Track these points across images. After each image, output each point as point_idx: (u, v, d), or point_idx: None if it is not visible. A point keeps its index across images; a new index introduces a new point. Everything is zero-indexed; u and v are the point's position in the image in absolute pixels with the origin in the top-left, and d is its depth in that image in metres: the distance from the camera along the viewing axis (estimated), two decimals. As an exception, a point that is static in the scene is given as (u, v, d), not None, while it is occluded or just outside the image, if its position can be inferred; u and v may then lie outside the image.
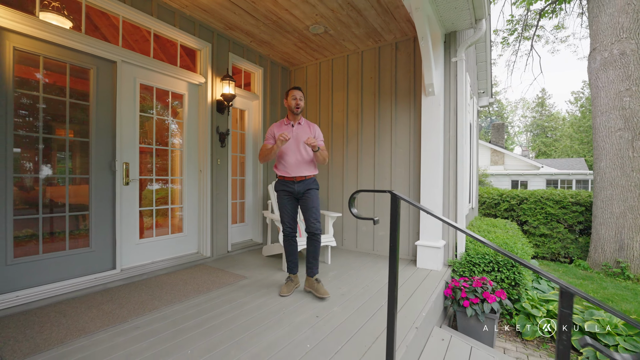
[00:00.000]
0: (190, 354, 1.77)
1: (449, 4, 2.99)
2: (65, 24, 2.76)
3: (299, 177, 2.71)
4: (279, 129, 2.77)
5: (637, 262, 5.50)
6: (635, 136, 5.68)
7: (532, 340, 3.04)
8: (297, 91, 2.76)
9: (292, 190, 2.71)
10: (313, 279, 2.71)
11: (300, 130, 2.77)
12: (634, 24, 5.74)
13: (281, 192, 2.75)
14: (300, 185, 2.71)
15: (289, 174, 2.70)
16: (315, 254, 2.74)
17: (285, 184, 2.73)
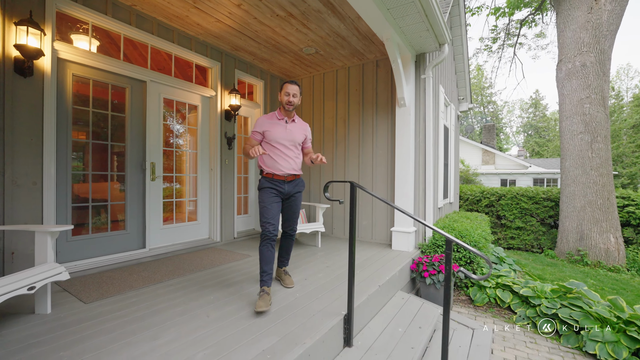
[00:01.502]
0: (213, 298, 2.49)
1: (414, 34, 3.71)
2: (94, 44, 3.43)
3: (291, 176, 2.57)
4: (270, 124, 2.55)
5: (594, 250, 6.22)
6: (593, 139, 6.41)
7: (482, 306, 3.75)
8: (292, 86, 2.54)
9: (281, 189, 2.53)
10: (282, 270, 2.86)
11: (295, 129, 2.61)
12: (593, 39, 6.46)
13: (268, 189, 2.51)
14: (290, 185, 2.58)
15: (281, 172, 2.52)
16: (289, 249, 2.83)
17: (274, 182, 2.52)
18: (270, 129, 2.54)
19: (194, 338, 1.87)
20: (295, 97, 2.54)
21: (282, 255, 2.85)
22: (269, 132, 2.54)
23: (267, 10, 3.48)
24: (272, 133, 2.53)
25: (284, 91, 2.55)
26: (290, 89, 2.54)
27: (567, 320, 3.00)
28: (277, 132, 2.54)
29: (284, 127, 2.57)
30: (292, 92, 2.54)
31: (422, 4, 3.10)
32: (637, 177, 25.90)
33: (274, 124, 2.56)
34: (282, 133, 2.55)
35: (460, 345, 2.58)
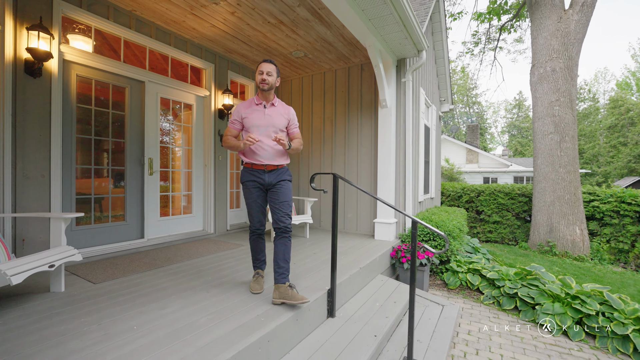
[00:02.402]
0: (211, 279, 2.78)
1: (394, 42, 4.06)
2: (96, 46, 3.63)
3: (271, 165, 2.35)
4: (248, 111, 2.35)
5: (561, 241, 6.74)
6: (562, 138, 6.92)
7: (455, 289, 4.14)
8: (266, 64, 2.33)
9: (261, 180, 2.35)
10: (285, 286, 2.20)
11: (274, 113, 2.38)
12: (562, 46, 6.97)
13: (249, 183, 2.37)
14: (271, 175, 2.36)
15: (260, 162, 2.32)
16: (287, 256, 2.29)
17: (253, 174, 2.35)
18: (247, 115, 2.34)
19: (197, 308, 2.17)
20: (270, 76, 2.30)
21: (280, 265, 2.26)
22: (247, 118, 2.34)
23: (259, 18, 3.77)
24: (250, 119, 2.33)
25: (258, 70, 2.34)
26: (264, 67, 2.31)
27: (525, 298, 3.41)
28: (254, 118, 2.32)
29: (262, 112, 2.35)
30: (266, 70, 2.30)
31: (399, 16, 3.44)
32: (611, 175, 27.17)
33: (252, 110, 2.35)
34: (260, 119, 2.33)
35: (430, 318, 2.94)
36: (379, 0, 3.14)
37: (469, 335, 2.95)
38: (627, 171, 26.68)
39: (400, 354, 2.29)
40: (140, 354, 1.59)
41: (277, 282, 2.25)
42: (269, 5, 3.49)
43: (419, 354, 2.30)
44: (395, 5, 3.23)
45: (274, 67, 2.38)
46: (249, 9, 3.58)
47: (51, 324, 1.91)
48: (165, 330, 1.84)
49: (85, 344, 1.69)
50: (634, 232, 6.61)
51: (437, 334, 2.65)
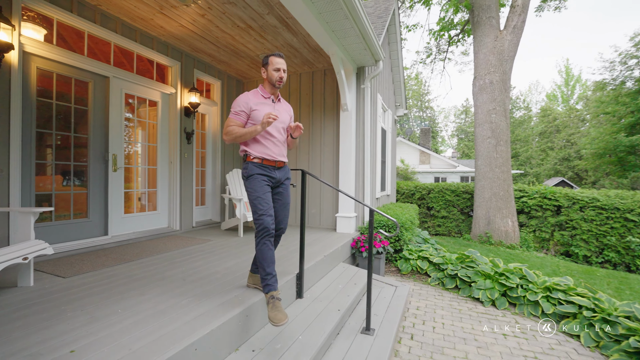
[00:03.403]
0: (185, 269, 2.93)
1: (355, 52, 4.47)
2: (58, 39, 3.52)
3: (281, 162, 2.31)
4: (257, 103, 2.22)
5: (497, 232, 7.72)
6: (498, 142, 7.92)
7: (407, 274, 4.66)
8: (280, 59, 2.23)
9: (273, 176, 2.26)
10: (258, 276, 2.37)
11: (282, 109, 2.35)
12: (498, 62, 7.97)
13: (258, 176, 2.19)
14: (280, 172, 2.31)
15: (272, 157, 2.23)
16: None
17: (265, 169, 2.22)
18: (258, 108, 2.20)
19: (177, 292, 2.34)
20: (285, 73, 2.25)
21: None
22: (257, 112, 2.19)
23: (228, 22, 3.94)
24: (260, 113, 2.19)
25: (273, 66, 2.21)
26: (279, 63, 2.21)
27: (464, 278, 4.00)
28: (265, 112, 2.16)
29: (271, 107, 2.27)
30: (283, 66, 2.22)
31: (359, 29, 3.84)
32: (541, 176, 30.79)
33: (261, 103, 2.23)
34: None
35: (385, 297, 3.37)
36: (341, 15, 3.50)
37: (417, 310, 3.43)
38: (553, 172, 30.46)
39: (360, 324, 2.66)
40: (131, 330, 1.75)
41: (255, 272, 2.44)
42: (240, 11, 3.68)
43: (375, 324, 2.69)
44: (355, 20, 3.61)
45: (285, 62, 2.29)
46: (219, 12, 3.74)
47: (32, 312, 1.97)
48: (150, 311, 2.01)
49: (73, 326, 1.80)
50: (553, 223, 7.79)
51: (391, 308, 3.07)
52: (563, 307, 3.15)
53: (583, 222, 7.26)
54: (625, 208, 6.82)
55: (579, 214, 7.35)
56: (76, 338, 1.66)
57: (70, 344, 1.60)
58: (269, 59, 2.24)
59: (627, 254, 6.69)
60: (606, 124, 20.98)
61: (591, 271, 5.80)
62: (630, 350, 2.42)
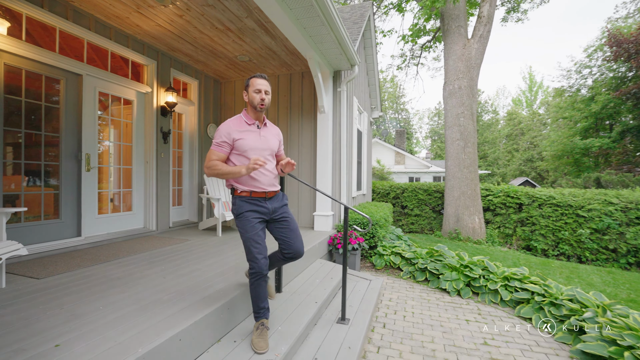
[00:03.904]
0: (164, 267, 2.96)
1: (331, 56, 4.64)
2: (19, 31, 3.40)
3: (272, 192, 2.14)
4: (241, 132, 2.06)
5: (465, 229, 8.19)
6: (466, 144, 8.40)
7: (381, 269, 4.90)
8: (263, 81, 2.08)
9: (263, 209, 2.09)
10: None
11: (269, 134, 2.19)
12: (466, 69, 8.46)
13: (250, 213, 2.05)
14: (273, 202, 2.15)
15: (261, 188, 2.08)
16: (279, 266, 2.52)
17: (255, 203, 2.07)
18: (242, 137, 2.05)
19: (158, 289, 2.39)
20: (267, 95, 2.09)
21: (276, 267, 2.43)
22: (242, 140, 2.05)
23: (207, 23, 3.99)
24: (245, 142, 2.05)
25: (253, 88, 2.06)
26: (260, 84, 2.06)
27: (433, 271, 4.28)
28: (250, 141, 2.06)
29: (257, 134, 2.11)
30: (265, 88, 2.07)
31: (336, 36, 4.02)
32: (507, 176, 32.61)
33: (246, 132, 2.08)
34: (256, 141, 2.09)
35: (360, 290, 3.56)
36: (318, 22, 3.65)
37: (389, 302, 3.65)
38: (519, 172, 32.38)
39: (336, 315, 2.82)
40: (116, 324, 1.81)
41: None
42: (218, 14, 3.75)
43: (350, 314, 2.87)
44: (332, 27, 3.78)
45: (269, 84, 2.13)
46: (198, 14, 3.78)
47: (8, 312, 1.96)
48: (132, 307, 2.06)
49: (54, 323, 1.83)
50: (515, 220, 8.37)
51: (365, 300, 3.26)
52: (518, 294, 3.48)
53: (541, 218, 7.87)
54: (577, 205, 7.48)
55: (537, 210, 7.96)
56: (59, 334, 1.70)
57: (54, 339, 1.64)
58: (250, 80, 2.10)
59: (579, 246, 7.34)
60: (564, 128, 22.63)
61: (547, 263, 6.34)
62: (571, 327, 2.76)
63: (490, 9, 8.62)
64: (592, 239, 7.18)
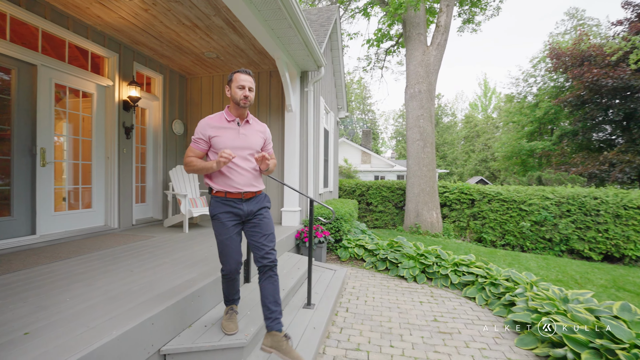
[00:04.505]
0: (130, 262, 2.96)
1: (298, 57, 4.81)
2: None
3: (249, 193, 2.04)
4: (218, 129, 1.99)
5: (424, 223, 8.76)
6: (425, 144, 8.98)
7: (346, 260, 5.17)
8: (246, 76, 2.01)
9: (238, 211, 2.01)
10: (281, 335, 1.89)
11: (250, 132, 2.09)
12: (425, 74, 9.04)
13: (223, 215, 1.99)
14: (250, 203, 2.04)
15: (236, 188, 1.99)
16: (277, 297, 1.98)
17: (229, 204, 2.00)
18: (218, 134, 1.99)
19: (126, 282, 2.42)
20: (251, 92, 2.02)
21: (269, 307, 1.95)
22: (218, 138, 1.98)
23: (174, 19, 3.98)
24: (222, 140, 1.98)
25: (236, 84, 1.99)
26: (244, 80, 1.99)
27: (393, 260, 4.62)
28: (227, 139, 1.99)
29: (236, 132, 2.03)
30: (248, 84, 2.00)
31: (303, 38, 4.20)
32: (464, 175, 34.84)
33: (223, 128, 2.00)
34: (234, 139, 2.00)
35: (325, 279, 3.78)
36: (285, 24, 3.81)
37: (353, 289, 3.91)
38: (475, 172, 34.72)
39: (303, 302, 3.01)
40: (85, 313, 1.85)
41: (271, 329, 1.91)
42: (186, 10, 3.76)
43: (315, 300, 3.07)
44: (299, 30, 3.96)
45: (253, 80, 2.06)
46: (164, 9, 3.76)
47: (-34, 307, 1.91)
48: (101, 298, 2.09)
49: (19, 315, 1.82)
50: (468, 214, 9.11)
51: (329, 288, 3.49)
52: (465, 277, 3.91)
53: (490, 212, 8.66)
54: (520, 200, 8.33)
55: (487, 205, 8.74)
56: (27, 324, 1.71)
57: (23, 329, 1.66)
58: (233, 75, 2.02)
59: (521, 237, 8.19)
60: (513, 131, 24.70)
61: (494, 252, 7.02)
62: (506, 303, 3.18)
63: (447, 19, 9.28)
64: (532, 230, 8.04)
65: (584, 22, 21.94)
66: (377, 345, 2.58)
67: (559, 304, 2.63)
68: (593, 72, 15.82)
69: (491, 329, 2.91)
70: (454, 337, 2.75)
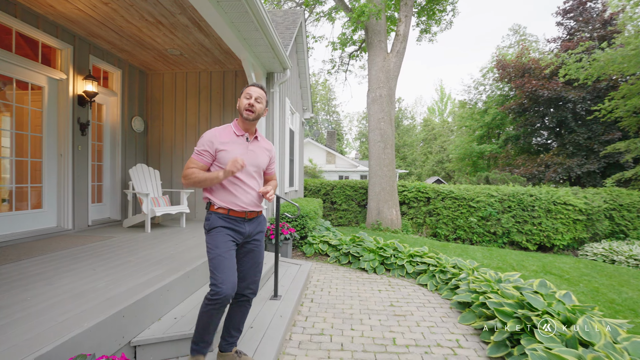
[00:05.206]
0: (91, 262, 2.90)
1: (264, 59, 4.93)
2: None
3: (253, 212, 1.92)
4: (226, 143, 1.85)
5: (385, 220, 9.26)
6: (385, 146, 9.48)
7: (311, 256, 5.38)
8: (256, 88, 1.89)
9: (241, 231, 1.86)
10: (232, 353, 1.92)
11: (258, 149, 1.96)
12: (386, 79, 9.55)
13: (222, 229, 1.82)
14: (251, 224, 1.92)
15: (241, 207, 1.85)
16: (242, 324, 1.97)
17: (232, 222, 1.84)
18: (226, 148, 1.84)
19: (91, 279, 2.40)
20: (259, 103, 1.87)
21: (230, 332, 1.93)
22: (226, 152, 1.83)
23: (136, 14, 3.90)
24: (230, 154, 1.83)
25: (244, 94, 1.88)
26: (252, 90, 1.87)
27: (354, 254, 4.91)
28: (235, 154, 1.84)
29: (244, 147, 1.89)
30: (255, 94, 1.86)
31: (269, 41, 4.33)
32: (423, 175, 36.81)
33: (232, 143, 1.86)
34: (242, 155, 1.85)
35: (291, 273, 3.95)
36: (252, 27, 3.92)
37: (317, 282, 4.12)
38: (432, 172, 36.83)
39: (270, 294, 3.15)
40: (51, 310, 1.85)
41: (225, 350, 1.92)
42: (150, 7, 3.72)
43: (282, 292, 3.23)
44: (265, 33, 4.09)
45: (264, 93, 1.93)
46: (126, 4, 3.69)
47: None
48: (66, 295, 2.08)
49: (-24, 314, 1.78)
50: (425, 211, 9.78)
51: (295, 281, 3.67)
52: (419, 266, 4.30)
53: (444, 209, 9.38)
54: (469, 197, 9.13)
55: (441, 203, 9.45)
56: (-13, 322, 1.69)
57: (-16, 326, 1.63)
58: (245, 88, 1.92)
59: (470, 231, 8.98)
60: (465, 135, 26.66)
61: (446, 245, 7.65)
62: (452, 287, 3.59)
63: (405, 29, 9.88)
64: (479, 224, 8.87)
65: (525, 37, 24.35)
66: (340, 329, 2.80)
67: (493, 285, 3.05)
68: (532, 83, 17.66)
69: (439, 310, 3.28)
70: (407, 318, 3.07)
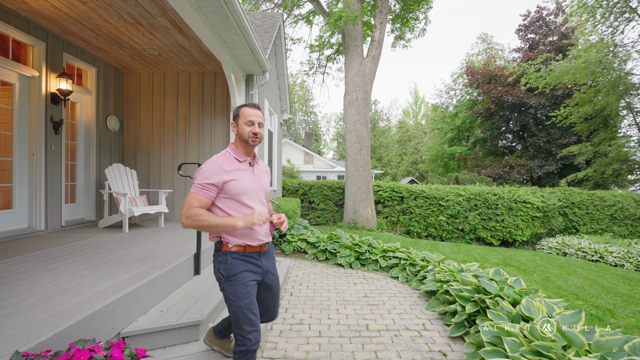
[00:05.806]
0: (72, 261, 2.92)
1: (244, 62, 5.05)
2: None
3: (266, 244, 1.80)
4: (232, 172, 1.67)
5: (361, 219, 9.58)
6: (361, 147, 9.82)
7: (290, 253, 5.55)
8: (255, 111, 1.74)
9: (259, 265, 1.73)
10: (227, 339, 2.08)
11: (261, 173, 1.85)
12: (362, 83, 9.89)
13: (245, 274, 1.66)
14: (267, 257, 1.81)
15: (258, 241, 1.72)
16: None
17: (249, 260, 1.69)
18: (234, 177, 1.66)
19: (75, 277, 2.45)
20: (261, 128, 1.74)
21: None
22: (235, 182, 1.65)
23: (115, 14, 3.91)
24: (239, 184, 1.67)
25: (245, 119, 1.71)
26: (253, 115, 1.72)
27: (332, 250, 5.14)
28: (245, 182, 1.69)
29: (250, 173, 1.75)
30: (257, 119, 1.72)
31: (248, 45, 4.46)
32: (398, 175, 37.89)
33: (238, 170, 1.70)
34: (251, 182, 1.73)
35: (271, 269, 4.12)
36: (233, 31, 4.04)
37: (296, 277, 4.31)
38: (407, 173, 37.99)
39: (250, 288, 3.31)
40: (38, 305, 1.91)
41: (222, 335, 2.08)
42: (130, 8, 3.75)
43: (263, 286, 3.39)
44: (245, 37, 4.22)
45: (262, 112, 1.79)
46: (105, 4, 3.70)
47: None
48: (52, 292, 2.14)
49: (-37, 310, 1.81)
50: (398, 210, 10.21)
51: (275, 276, 3.83)
52: (391, 261, 4.60)
53: (416, 208, 9.85)
54: (439, 197, 9.66)
55: (414, 202, 9.92)
56: (-24, 317, 1.74)
57: (-26, 320, 1.69)
58: (240, 110, 1.74)
59: (440, 229, 9.51)
60: (437, 137, 27.79)
61: (418, 242, 8.08)
62: (420, 278, 3.91)
63: (380, 35, 10.27)
64: (448, 222, 9.41)
65: (492, 46, 25.82)
66: (317, 319, 3.01)
67: (456, 274, 3.38)
68: (498, 90, 18.80)
69: (409, 299, 3.57)
70: (380, 307, 3.33)
